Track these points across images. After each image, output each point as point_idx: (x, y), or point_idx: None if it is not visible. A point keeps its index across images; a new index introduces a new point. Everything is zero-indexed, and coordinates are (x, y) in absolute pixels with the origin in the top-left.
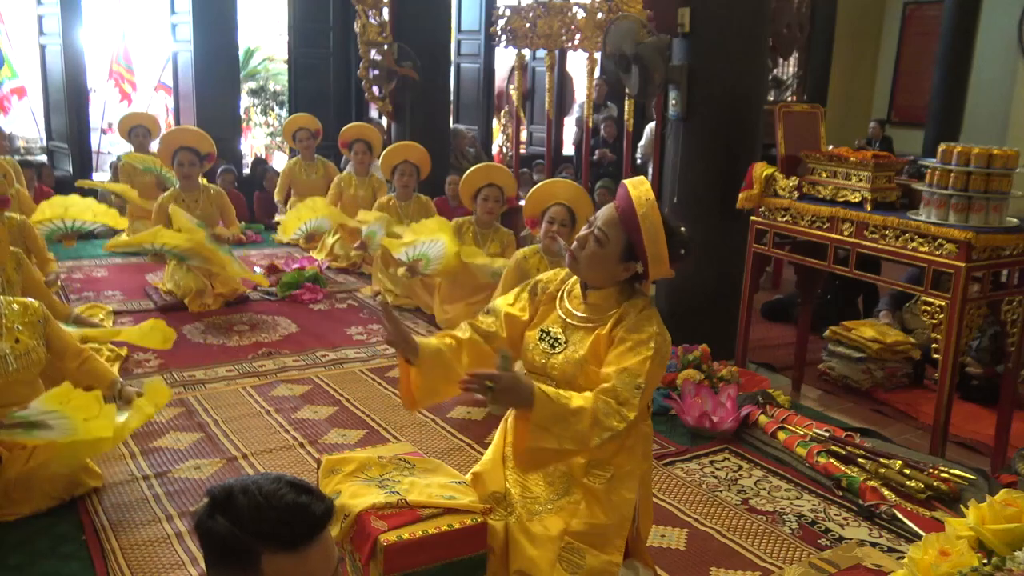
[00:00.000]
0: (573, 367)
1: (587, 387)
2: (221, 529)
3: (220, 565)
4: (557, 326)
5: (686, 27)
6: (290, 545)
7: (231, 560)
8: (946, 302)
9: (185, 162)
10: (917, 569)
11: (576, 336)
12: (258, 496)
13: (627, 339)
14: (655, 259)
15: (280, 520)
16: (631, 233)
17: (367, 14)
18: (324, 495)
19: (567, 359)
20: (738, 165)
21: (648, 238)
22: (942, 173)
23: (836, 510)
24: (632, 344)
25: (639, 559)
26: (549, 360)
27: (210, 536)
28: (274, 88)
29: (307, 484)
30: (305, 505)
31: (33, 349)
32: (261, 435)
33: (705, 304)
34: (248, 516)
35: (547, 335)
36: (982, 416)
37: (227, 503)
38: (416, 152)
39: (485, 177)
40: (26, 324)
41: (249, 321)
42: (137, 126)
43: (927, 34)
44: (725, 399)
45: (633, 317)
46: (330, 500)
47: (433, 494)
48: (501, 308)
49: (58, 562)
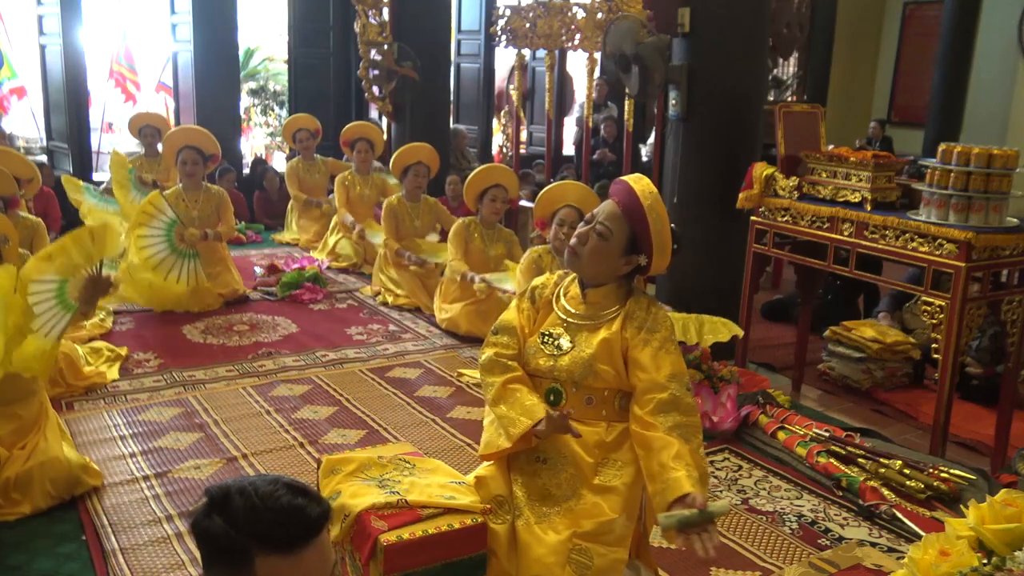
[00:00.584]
0: (581, 368)
1: (597, 386)
2: (216, 529)
3: (215, 565)
4: (558, 327)
5: (686, 27)
6: (285, 547)
7: (225, 560)
8: (946, 302)
9: (188, 161)
10: (917, 569)
11: (580, 336)
12: (254, 497)
13: (651, 339)
14: (660, 250)
15: (275, 522)
16: (635, 225)
17: (367, 14)
18: (321, 498)
19: (574, 360)
20: (738, 165)
21: (655, 228)
22: (942, 173)
23: (836, 510)
24: (659, 343)
25: (643, 560)
26: (556, 363)
27: (206, 535)
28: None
29: (305, 486)
30: (301, 507)
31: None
32: (261, 435)
33: (705, 304)
34: (243, 517)
35: (549, 337)
36: (982, 416)
37: (224, 503)
38: (427, 152)
39: (491, 178)
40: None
41: (249, 321)
42: (146, 126)
43: (927, 34)
44: (725, 399)
45: (643, 314)
46: (327, 503)
47: (433, 494)
48: (513, 323)
49: (58, 562)
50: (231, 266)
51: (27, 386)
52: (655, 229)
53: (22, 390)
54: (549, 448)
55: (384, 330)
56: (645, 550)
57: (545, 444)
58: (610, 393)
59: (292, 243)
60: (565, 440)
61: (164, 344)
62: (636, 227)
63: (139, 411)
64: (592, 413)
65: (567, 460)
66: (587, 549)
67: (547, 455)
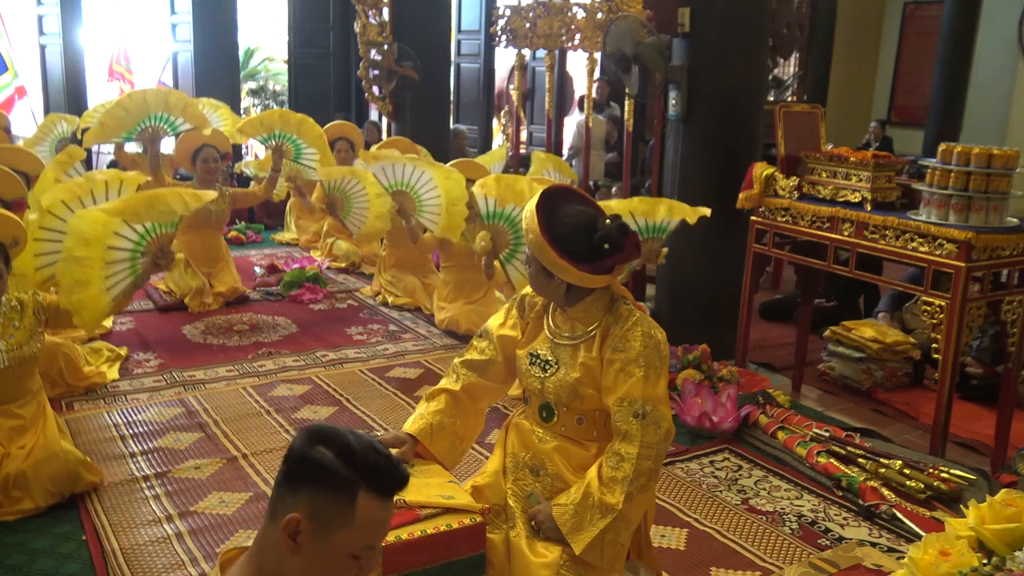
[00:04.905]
0: (567, 391)
1: (585, 408)
2: (327, 460)
3: (317, 488)
4: (545, 346)
5: (686, 27)
6: (383, 492)
7: (331, 488)
8: (946, 302)
9: (209, 159)
10: (917, 569)
11: (565, 355)
12: (366, 441)
13: (615, 360)
14: (554, 267)
15: (382, 466)
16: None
17: (367, 14)
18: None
19: (559, 382)
20: (738, 165)
21: (534, 250)
22: (942, 173)
23: (836, 510)
24: (620, 365)
25: (645, 561)
26: (544, 384)
27: (310, 462)
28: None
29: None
30: (398, 463)
31: (25, 344)
32: (261, 435)
33: (705, 304)
34: (359, 454)
35: (537, 358)
36: (982, 416)
37: (333, 439)
38: (403, 145)
39: (467, 175)
40: (22, 318)
41: (249, 321)
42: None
43: (927, 34)
44: (725, 399)
45: (617, 332)
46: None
47: (432, 494)
48: (494, 331)
49: (58, 562)
50: (231, 266)
51: (26, 385)
52: (535, 250)
53: (21, 389)
54: (538, 461)
55: (384, 330)
56: (647, 551)
57: (535, 456)
58: (600, 413)
59: (292, 243)
60: (553, 458)
61: (164, 344)
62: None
63: (139, 411)
64: (583, 433)
65: (554, 477)
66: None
67: (537, 467)
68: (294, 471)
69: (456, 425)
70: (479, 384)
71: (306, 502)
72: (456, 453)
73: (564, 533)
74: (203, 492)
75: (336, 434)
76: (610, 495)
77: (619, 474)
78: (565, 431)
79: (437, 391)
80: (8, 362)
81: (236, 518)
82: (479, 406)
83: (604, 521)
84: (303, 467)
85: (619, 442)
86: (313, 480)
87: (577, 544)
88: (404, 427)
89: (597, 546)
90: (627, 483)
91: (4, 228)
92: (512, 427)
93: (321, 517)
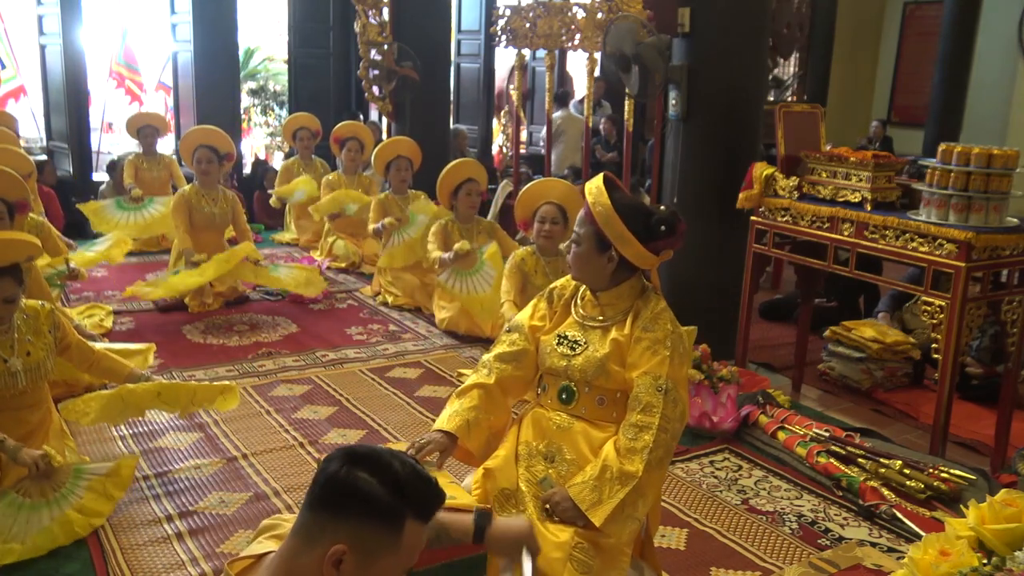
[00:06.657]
0: (594, 367)
1: (608, 387)
2: (374, 489)
3: (363, 518)
4: (574, 329)
5: (686, 27)
6: (425, 517)
7: (379, 518)
8: (946, 302)
9: (203, 159)
10: (917, 569)
11: (594, 336)
12: (410, 465)
13: (643, 338)
14: (619, 240)
15: (428, 494)
16: (593, 223)
17: (367, 14)
18: None
19: (587, 359)
20: (738, 165)
21: (602, 220)
22: (942, 173)
23: (836, 510)
24: (648, 343)
25: (647, 561)
26: (570, 362)
27: (355, 490)
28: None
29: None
30: (438, 485)
31: (43, 361)
32: (261, 435)
33: (705, 304)
34: (407, 485)
35: (565, 339)
36: (982, 416)
37: (377, 466)
38: (406, 145)
39: (462, 173)
40: (37, 335)
41: (249, 321)
42: (146, 126)
43: (927, 34)
44: (725, 399)
45: (647, 314)
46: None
47: None
48: (525, 323)
49: (58, 562)
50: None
51: (40, 394)
52: (602, 221)
53: (35, 398)
54: (554, 448)
55: (384, 330)
56: (650, 551)
57: (550, 443)
58: (622, 395)
59: (292, 243)
60: (572, 441)
61: (164, 344)
62: (593, 224)
63: None
64: (603, 414)
65: (570, 463)
66: (590, 548)
67: (553, 454)
68: (335, 497)
69: (490, 420)
70: (513, 376)
71: (351, 531)
72: (489, 449)
73: (584, 509)
74: (203, 492)
75: (379, 460)
76: (629, 464)
77: (638, 444)
78: (585, 412)
79: (469, 387)
80: (27, 380)
81: (236, 518)
82: (508, 402)
83: (624, 491)
84: (346, 495)
85: (638, 413)
86: (359, 510)
87: (597, 516)
88: (437, 424)
89: (618, 517)
90: (647, 452)
91: (18, 249)
92: (526, 417)
93: (367, 546)
